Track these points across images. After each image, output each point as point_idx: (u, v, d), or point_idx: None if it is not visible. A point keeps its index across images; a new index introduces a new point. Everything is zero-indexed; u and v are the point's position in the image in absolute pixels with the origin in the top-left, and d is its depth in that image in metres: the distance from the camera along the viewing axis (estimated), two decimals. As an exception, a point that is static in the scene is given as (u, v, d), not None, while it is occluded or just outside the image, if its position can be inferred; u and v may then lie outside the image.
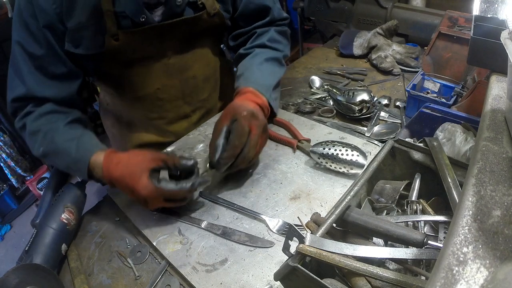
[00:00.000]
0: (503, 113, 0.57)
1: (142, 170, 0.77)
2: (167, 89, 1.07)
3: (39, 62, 0.87)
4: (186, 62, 1.06)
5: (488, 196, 0.42)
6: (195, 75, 1.11)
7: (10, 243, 2.52)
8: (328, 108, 1.19)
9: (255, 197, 0.88)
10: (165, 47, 1.00)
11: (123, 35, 0.90)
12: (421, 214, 0.66)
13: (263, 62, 1.06)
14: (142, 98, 1.07)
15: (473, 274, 0.33)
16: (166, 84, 1.06)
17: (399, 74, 1.34)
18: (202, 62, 1.11)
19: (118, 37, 0.89)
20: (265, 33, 1.13)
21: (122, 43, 0.91)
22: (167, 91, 1.08)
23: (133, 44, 0.94)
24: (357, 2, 1.66)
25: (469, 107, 0.90)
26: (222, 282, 0.71)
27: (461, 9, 1.28)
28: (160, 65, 1.02)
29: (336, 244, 0.53)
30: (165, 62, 1.02)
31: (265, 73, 1.04)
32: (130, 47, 0.94)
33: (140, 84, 1.04)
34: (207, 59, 1.13)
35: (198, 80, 1.12)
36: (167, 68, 1.04)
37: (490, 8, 0.70)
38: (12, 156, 2.57)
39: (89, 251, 0.84)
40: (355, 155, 0.86)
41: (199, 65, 1.10)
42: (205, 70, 1.14)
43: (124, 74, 1.01)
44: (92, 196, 2.94)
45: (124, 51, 0.93)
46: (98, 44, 0.89)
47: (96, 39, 0.88)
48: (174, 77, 1.06)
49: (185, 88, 1.10)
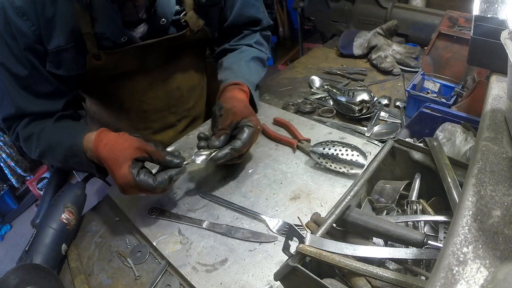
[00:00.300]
0: (503, 113, 0.57)
1: (125, 158, 0.76)
2: (151, 101, 1.07)
3: (24, 82, 0.87)
4: (169, 74, 1.06)
5: (488, 196, 0.42)
6: (179, 86, 1.10)
7: (10, 243, 2.52)
8: (328, 108, 1.19)
9: (255, 197, 0.88)
10: (147, 62, 1.00)
11: (105, 55, 0.90)
12: (421, 214, 0.66)
13: (250, 60, 1.09)
14: (127, 110, 1.07)
15: (473, 274, 0.33)
16: (151, 96, 1.06)
17: (399, 74, 1.34)
18: (185, 73, 1.11)
19: (99, 57, 0.89)
20: (251, 35, 1.16)
21: (104, 62, 0.91)
22: (152, 103, 1.08)
23: (115, 62, 0.93)
24: (357, 2, 1.66)
25: (469, 107, 0.90)
26: (222, 282, 0.71)
27: (461, 9, 1.28)
28: (143, 78, 1.02)
29: (336, 244, 0.53)
30: (148, 75, 1.02)
31: (252, 70, 1.07)
32: (112, 65, 0.93)
33: (125, 97, 1.04)
34: (191, 70, 1.13)
35: (182, 90, 1.12)
36: (151, 81, 1.03)
37: (490, 8, 0.70)
38: (12, 156, 2.57)
39: (89, 251, 0.84)
40: (355, 155, 0.86)
41: (183, 77, 1.10)
42: (189, 80, 1.13)
43: (108, 88, 1.01)
44: (92, 196, 2.92)
45: (106, 69, 0.93)
46: (79, 65, 0.90)
47: (77, 60, 0.88)
48: (158, 89, 1.06)
49: (169, 99, 1.11)
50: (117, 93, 1.03)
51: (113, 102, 1.06)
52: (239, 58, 1.09)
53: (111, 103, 1.07)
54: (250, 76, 1.04)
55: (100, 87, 1.01)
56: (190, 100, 1.18)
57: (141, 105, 1.07)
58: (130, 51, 0.92)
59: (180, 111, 1.16)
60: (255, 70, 1.09)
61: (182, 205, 0.89)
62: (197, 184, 0.94)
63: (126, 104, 1.06)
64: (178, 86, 1.10)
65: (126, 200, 0.92)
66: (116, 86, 1.01)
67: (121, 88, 1.02)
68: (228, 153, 0.83)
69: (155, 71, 1.03)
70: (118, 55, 0.92)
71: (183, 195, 0.92)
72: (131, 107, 1.07)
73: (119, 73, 0.97)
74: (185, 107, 1.17)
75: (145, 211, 0.88)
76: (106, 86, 1.00)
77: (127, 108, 1.07)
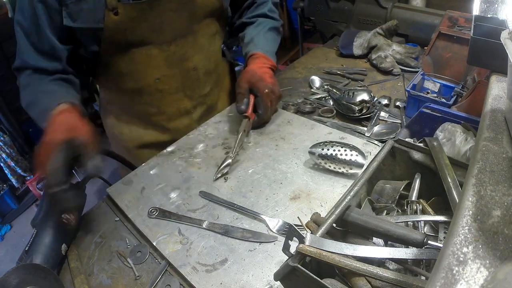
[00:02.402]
0: (503, 113, 0.57)
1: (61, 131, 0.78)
2: (167, 79, 1.08)
3: (31, 37, 0.91)
4: (186, 51, 1.07)
5: (488, 196, 0.42)
6: (196, 66, 1.11)
7: (10, 243, 2.52)
8: (328, 108, 1.19)
9: (255, 197, 0.88)
10: (164, 30, 0.99)
11: (123, 8, 0.90)
12: (421, 214, 0.66)
13: (267, 31, 1.19)
14: (141, 90, 1.07)
15: (473, 274, 0.33)
16: (166, 74, 1.06)
17: (399, 74, 1.34)
18: (202, 54, 1.12)
19: (117, 11, 0.90)
20: (263, 4, 1.23)
21: (121, 18, 0.91)
22: (167, 82, 1.08)
23: (133, 21, 0.93)
24: (357, 2, 1.66)
25: (469, 107, 0.90)
26: (222, 282, 0.71)
27: (461, 9, 1.28)
28: (160, 53, 1.02)
29: (336, 244, 0.53)
30: (165, 49, 1.02)
31: (270, 40, 1.18)
32: (129, 25, 0.93)
33: (140, 74, 1.04)
34: (208, 52, 1.14)
35: (199, 72, 1.13)
36: (167, 57, 1.04)
37: (490, 8, 0.70)
38: (12, 156, 2.57)
39: (89, 251, 0.84)
40: (354, 155, 0.86)
41: (199, 57, 1.11)
42: (205, 63, 1.15)
43: (124, 62, 1.01)
44: (92, 196, 2.92)
45: (124, 30, 0.93)
46: (97, 19, 0.90)
47: (95, 13, 0.89)
48: (175, 66, 1.07)
49: (185, 79, 1.11)
50: (133, 68, 1.02)
51: (128, 80, 1.05)
52: (257, 31, 1.17)
53: (126, 82, 1.06)
54: (269, 46, 1.16)
55: (115, 63, 1.01)
56: (206, 85, 1.19)
57: (156, 84, 1.07)
58: (146, 7, 0.93)
59: (195, 96, 1.17)
60: (272, 40, 1.19)
61: (182, 205, 0.89)
62: (197, 184, 0.94)
63: (141, 82, 1.06)
64: (194, 67, 1.11)
65: (126, 200, 0.92)
66: (132, 60, 1.00)
67: (137, 63, 1.02)
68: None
69: (172, 46, 1.03)
70: (136, 10, 0.92)
71: (183, 195, 0.92)
72: (145, 86, 1.07)
73: (135, 42, 0.97)
74: (201, 92, 1.18)
75: (145, 211, 0.88)
76: (122, 59, 1.00)
77: (141, 88, 1.07)
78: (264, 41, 1.16)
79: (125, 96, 1.11)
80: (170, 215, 0.86)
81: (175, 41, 1.03)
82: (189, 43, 1.06)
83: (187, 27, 1.04)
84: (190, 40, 1.06)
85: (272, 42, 1.19)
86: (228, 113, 1.20)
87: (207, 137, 1.10)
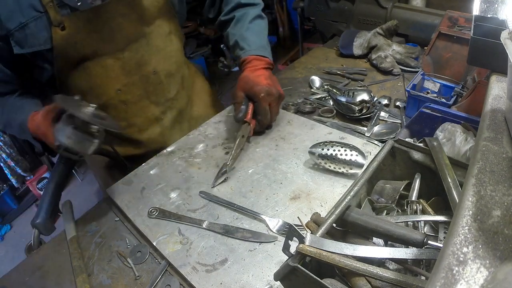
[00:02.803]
0: (503, 113, 0.57)
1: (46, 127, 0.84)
2: (128, 89, 1.04)
3: None
4: (142, 56, 1.03)
5: (488, 196, 0.42)
6: (155, 70, 1.07)
7: (10, 243, 2.52)
8: (328, 108, 1.19)
9: (255, 197, 0.88)
10: (115, 37, 0.97)
11: (68, 21, 0.88)
12: (421, 214, 0.66)
13: (249, 24, 1.12)
14: (105, 105, 1.03)
15: (473, 274, 0.33)
16: (126, 83, 1.03)
17: (399, 74, 1.34)
18: (159, 56, 1.08)
19: (63, 25, 0.88)
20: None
21: (69, 31, 0.89)
22: (129, 91, 1.05)
23: (81, 33, 0.91)
24: (357, 2, 1.66)
25: (469, 107, 0.90)
26: (222, 282, 0.71)
27: (461, 9, 1.28)
28: (115, 62, 0.99)
29: (336, 244, 0.53)
30: (119, 57, 0.99)
31: (255, 33, 1.12)
32: (78, 37, 0.91)
33: (100, 88, 1.01)
34: (166, 53, 1.10)
35: (160, 75, 1.09)
36: (123, 64, 1.00)
37: (490, 8, 0.70)
38: (12, 156, 2.57)
39: (89, 251, 0.84)
40: (354, 155, 0.86)
41: (157, 59, 1.07)
42: (165, 65, 1.10)
43: (81, 79, 0.98)
44: (92, 196, 2.92)
45: (74, 44, 0.91)
46: (44, 39, 0.89)
47: (40, 35, 0.88)
48: (133, 73, 1.03)
49: (147, 85, 1.07)
50: (91, 84, 1.00)
51: (89, 98, 1.01)
52: (238, 29, 1.12)
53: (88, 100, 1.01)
54: (257, 42, 1.10)
55: (73, 82, 0.99)
56: (171, 88, 1.14)
57: (119, 95, 1.03)
58: (91, 16, 0.91)
59: (162, 101, 1.12)
60: (257, 33, 1.13)
61: (182, 205, 0.89)
62: (197, 184, 0.94)
63: (103, 97, 1.02)
64: (154, 70, 1.07)
65: (126, 200, 0.92)
66: (87, 74, 0.98)
67: (94, 77, 0.99)
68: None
69: (126, 52, 0.99)
70: (82, 20, 0.90)
71: (183, 195, 0.92)
72: (108, 100, 1.03)
73: (88, 55, 0.95)
74: (167, 96, 1.13)
75: (145, 211, 0.88)
76: (79, 77, 0.98)
77: (105, 103, 1.03)
78: (250, 38, 1.10)
79: None
80: (170, 215, 0.86)
81: (128, 47, 1.00)
82: (143, 47, 1.03)
83: (138, 30, 1.00)
84: (143, 44, 1.02)
85: (259, 35, 1.12)
86: (228, 113, 1.19)
87: (207, 137, 1.10)
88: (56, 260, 0.84)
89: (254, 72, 1.03)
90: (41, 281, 0.80)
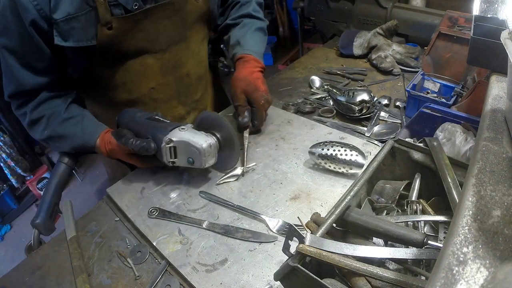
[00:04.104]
0: (503, 113, 0.57)
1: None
2: (162, 88, 1.07)
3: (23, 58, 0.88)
4: (180, 58, 1.06)
5: (488, 196, 0.42)
6: (189, 72, 1.11)
7: (10, 243, 2.52)
8: (328, 108, 1.19)
9: (255, 197, 0.88)
10: (159, 38, 0.98)
11: (117, 23, 0.88)
12: (421, 214, 0.66)
13: (254, 32, 1.18)
14: (135, 101, 1.05)
15: (473, 274, 0.33)
16: (161, 82, 1.06)
17: (399, 74, 1.34)
18: (194, 60, 1.12)
19: (111, 25, 0.88)
20: (247, 4, 1.22)
21: (115, 32, 0.89)
22: (162, 91, 1.07)
23: (127, 34, 0.92)
24: (357, 2, 1.66)
25: (469, 107, 0.90)
26: (222, 282, 0.71)
27: (461, 9, 1.28)
28: (155, 61, 1.01)
29: (336, 244, 0.53)
30: (159, 58, 1.01)
31: (257, 41, 1.17)
32: (124, 37, 0.92)
33: (134, 84, 1.03)
34: (199, 57, 1.14)
35: (191, 78, 1.12)
36: (162, 65, 1.03)
37: (490, 8, 0.70)
38: (12, 156, 2.57)
39: (89, 251, 0.84)
40: (354, 155, 0.86)
41: (192, 62, 1.11)
42: (197, 68, 1.14)
43: (118, 74, 0.99)
44: (92, 196, 2.92)
45: (118, 43, 0.92)
46: (89, 36, 0.88)
47: (87, 30, 0.87)
48: (169, 74, 1.06)
49: (179, 86, 1.10)
50: (127, 79, 1.01)
51: (121, 92, 1.03)
52: (244, 32, 1.16)
53: (119, 94, 1.04)
54: (257, 47, 1.15)
55: (108, 75, 0.99)
56: (198, 90, 1.18)
57: (151, 93, 1.06)
58: (140, 18, 0.92)
59: (188, 102, 1.16)
60: (259, 41, 1.18)
61: (182, 205, 0.89)
62: (197, 184, 0.94)
63: (135, 93, 1.04)
64: (188, 73, 1.11)
65: (126, 200, 0.92)
66: (126, 71, 0.99)
67: (131, 73, 1.00)
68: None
69: (167, 53, 1.02)
70: (130, 22, 0.90)
71: (183, 195, 0.92)
72: (140, 96, 1.05)
73: (130, 52, 0.96)
74: (194, 97, 1.17)
75: (145, 211, 0.88)
76: (115, 71, 0.98)
77: (136, 99, 1.05)
78: (252, 42, 1.14)
79: (116, 108, 1.06)
80: (170, 215, 0.86)
81: (169, 49, 1.02)
82: (182, 50, 1.06)
83: (180, 33, 1.03)
84: (183, 47, 1.06)
85: (259, 43, 1.17)
86: (228, 113, 1.19)
87: (207, 137, 1.10)
88: (56, 260, 0.84)
89: (253, 74, 1.05)
90: (41, 281, 0.80)
